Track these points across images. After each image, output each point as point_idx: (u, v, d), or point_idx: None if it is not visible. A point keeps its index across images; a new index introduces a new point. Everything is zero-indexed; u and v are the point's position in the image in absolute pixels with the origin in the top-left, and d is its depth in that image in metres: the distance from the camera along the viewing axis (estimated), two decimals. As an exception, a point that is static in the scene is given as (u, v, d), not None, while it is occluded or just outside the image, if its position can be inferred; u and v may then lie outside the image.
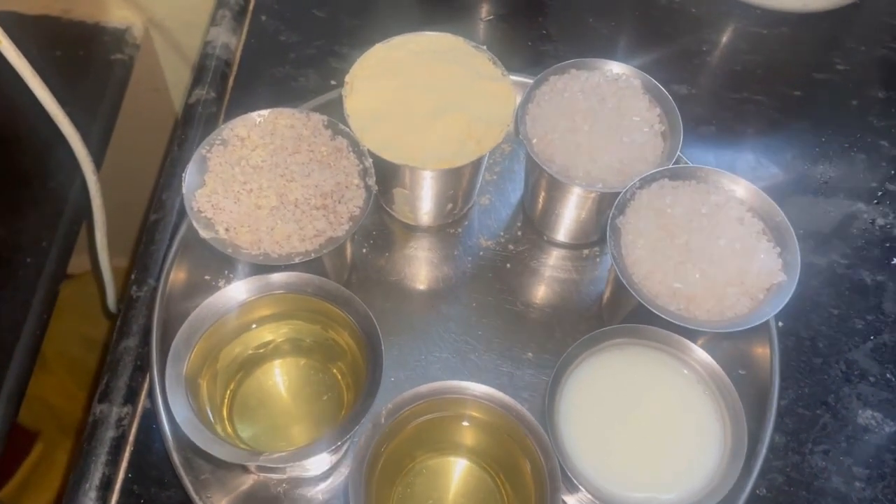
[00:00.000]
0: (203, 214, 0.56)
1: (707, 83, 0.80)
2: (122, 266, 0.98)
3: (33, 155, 0.80)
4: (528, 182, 0.68)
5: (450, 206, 0.67)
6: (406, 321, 0.65)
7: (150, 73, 1.05)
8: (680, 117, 0.63)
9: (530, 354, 0.64)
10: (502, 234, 0.70)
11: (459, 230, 0.70)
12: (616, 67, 0.66)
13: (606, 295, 0.64)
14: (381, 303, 0.65)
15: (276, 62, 0.79)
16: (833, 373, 0.65)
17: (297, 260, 0.55)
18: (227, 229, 0.56)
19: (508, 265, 0.68)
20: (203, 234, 0.55)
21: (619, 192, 0.60)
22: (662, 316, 0.54)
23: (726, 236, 0.57)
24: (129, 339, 0.63)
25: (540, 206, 0.67)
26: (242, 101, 0.77)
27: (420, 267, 0.68)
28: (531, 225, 0.70)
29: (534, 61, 0.81)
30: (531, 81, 0.65)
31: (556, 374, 0.53)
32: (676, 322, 0.54)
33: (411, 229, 0.70)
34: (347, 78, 0.63)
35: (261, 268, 0.55)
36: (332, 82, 0.78)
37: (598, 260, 0.69)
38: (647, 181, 0.60)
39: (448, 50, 0.65)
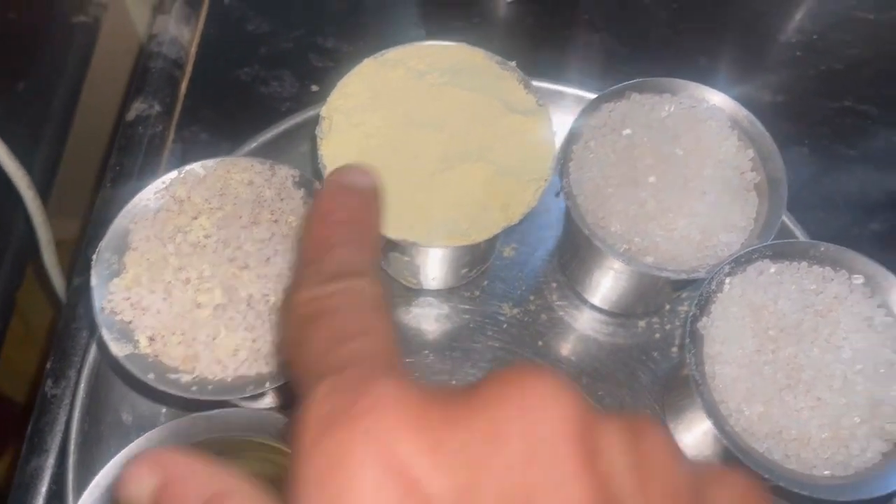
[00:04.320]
0: (119, 317, 0.40)
1: (798, 87, 0.62)
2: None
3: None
4: (570, 245, 0.51)
5: (463, 270, 0.51)
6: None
7: (120, 40, 0.88)
8: (783, 163, 0.46)
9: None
10: (532, 297, 0.54)
11: (476, 293, 0.54)
12: (692, 89, 0.48)
13: (680, 421, 0.48)
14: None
15: (242, 60, 0.62)
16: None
17: (247, 392, 0.39)
18: (151, 339, 0.40)
19: (541, 342, 0.52)
20: (115, 350, 0.39)
21: (700, 279, 0.43)
22: (763, 475, 0.38)
23: (851, 346, 0.41)
24: (42, 458, 0.47)
25: (585, 277, 0.51)
26: (198, 115, 0.60)
27: (422, 344, 0.52)
28: (571, 285, 0.54)
29: (574, 57, 0.63)
30: (576, 105, 0.47)
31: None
32: (782, 483, 0.38)
33: (412, 291, 0.53)
34: (324, 111, 0.46)
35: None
36: (314, 87, 0.61)
37: (668, 334, 0.52)
38: (740, 264, 0.43)
39: (463, 68, 0.47)
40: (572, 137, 0.46)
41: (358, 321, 0.25)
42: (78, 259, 0.52)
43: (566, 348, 0.52)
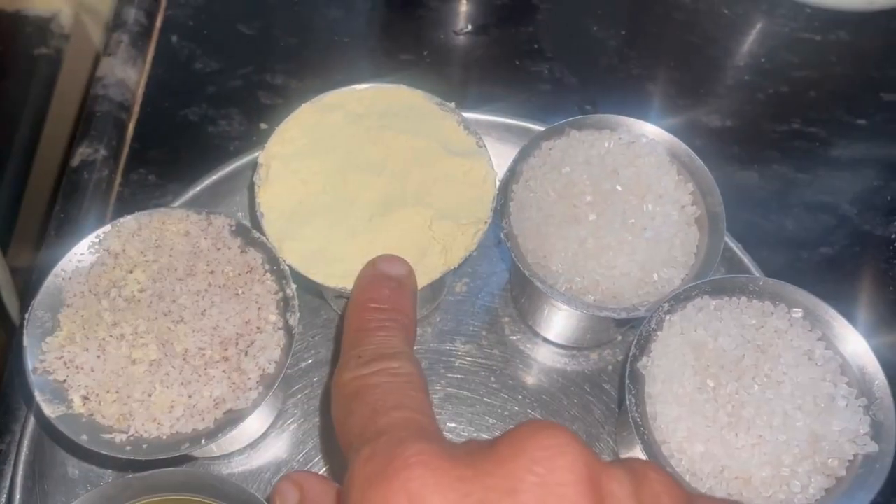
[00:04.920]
0: (52, 377, 0.40)
1: (746, 111, 0.62)
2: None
3: None
4: (517, 282, 0.51)
5: (412, 311, 0.50)
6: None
7: (83, 71, 0.88)
8: (720, 197, 0.46)
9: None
10: (484, 332, 0.54)
11: (428, 330, 0.54)
12: (631, 124, 0.48)
13: (633, 455, 0.48)
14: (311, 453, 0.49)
15: (190, 100, 0.61)
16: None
17: (182, 450, 0.38)
18: (85, 398, 0.39)
19: (493, 378, 0.52)
20: (48, 411, 0.39)
21: (640, 317, 0.43)
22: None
23: (792, 381, 0.41)
24: (-14, 515, 0.47)
25: (534, 313, 0.51)
26: (146, 158, 0.59)
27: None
28: (524, 319, 0.53)
29: (524, 87, 0.63)
30: (524, 137, 0.47)
31: None
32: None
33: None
34: (262, 157, 0.46)
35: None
36: (263, 125, 0.61)
37: (620, 365, 0.52)
38: (679, 301, 0.43)
39: (402, 111, 0.47)
40: (512, 176, 0.46)
41: (394, 396, 0.29)
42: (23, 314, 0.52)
43: (519, 383, 0.52)
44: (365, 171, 0.45)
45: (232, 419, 0.39)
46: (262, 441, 0.49)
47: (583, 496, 0.21)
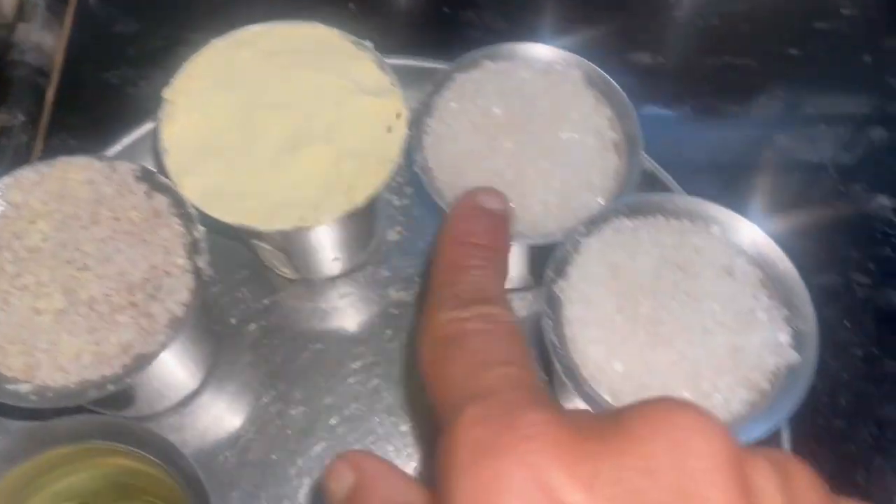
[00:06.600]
0: (-45, 331, 0.39)
1: (676, 47, 0.62)
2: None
3: None
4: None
5: (334, 259, 0.49)
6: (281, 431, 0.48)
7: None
8: (637, 120, 0.45)
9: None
10: (418, 279, 0.53)
11: (361, 279, 0.53)
12: (546, 53, 0.47)
13: (564, 389, 0.47)
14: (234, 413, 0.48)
15: (110, 63, 0.60)
16: (861, 437, 0.50)
17: (90, 395, 0.37)
18: (-11, 351, 0.38)
19: (427, 323, 0.51)
20: (-51, 365, 0.38)
21: (557, 243, 0.42)
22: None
23: (712, 297, 0.40)
24: None
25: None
26: (67, 123, 0.58)
27: (302, 339, 0.50)
28: (455, 264, 0.53)
29: (452, 34, 0.62)
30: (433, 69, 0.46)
31: None
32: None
33: (294, 282, 0.52)
34: (167, 93, 0.45)
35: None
36: (187, 84, 0.59)
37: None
38: (595, 224, 0.42)
39: (316, 49, 0.46)
40: (426, 110, 0.45)
41: (499, 347, 0.26)
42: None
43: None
44: (273, 109, 0.44)
45: (141, 364, 0.38)
46: (195, 400, 0.48)
47: (727, 485, 0.19)
